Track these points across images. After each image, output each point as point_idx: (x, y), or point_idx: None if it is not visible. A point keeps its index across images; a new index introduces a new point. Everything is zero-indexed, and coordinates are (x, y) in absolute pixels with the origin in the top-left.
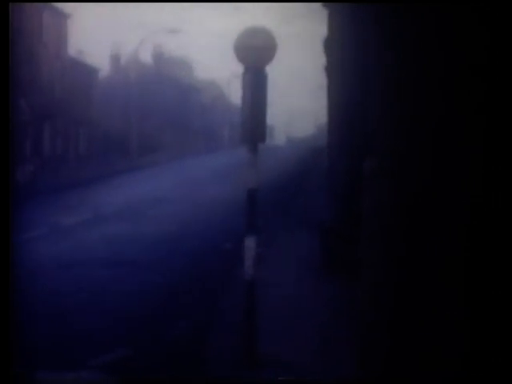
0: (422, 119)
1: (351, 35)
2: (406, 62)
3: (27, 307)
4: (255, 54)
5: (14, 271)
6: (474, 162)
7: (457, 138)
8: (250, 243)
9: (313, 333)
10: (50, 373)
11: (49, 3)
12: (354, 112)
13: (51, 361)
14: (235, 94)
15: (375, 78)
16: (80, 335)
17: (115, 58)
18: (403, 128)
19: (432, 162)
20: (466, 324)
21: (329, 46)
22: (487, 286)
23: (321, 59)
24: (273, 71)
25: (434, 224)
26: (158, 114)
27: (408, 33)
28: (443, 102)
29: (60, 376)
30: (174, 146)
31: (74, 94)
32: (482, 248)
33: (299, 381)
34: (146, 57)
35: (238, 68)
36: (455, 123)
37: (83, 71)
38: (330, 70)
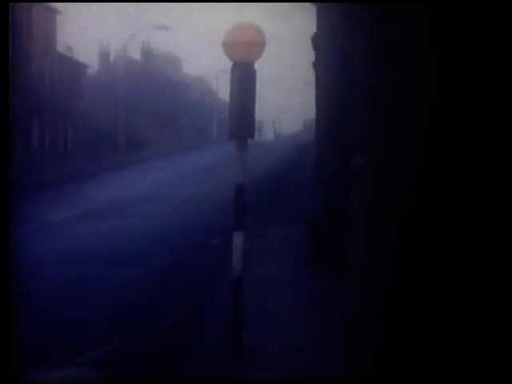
0: (412, 121)
1: (339, 31)
2: (396, 62)
3: (15, 304)
4: (244, 50)
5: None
6: (465, 164)
7: (448, 139)
8: (237, 239)
9: (299, 329)
10: (37, 370)
11: None
12: (342, 107)
13: (37, 358)
14: (224, 89)
15: (364, 80)
16: (67, 331)
17: (104, 54)
18: (392, 129)
19: (422, 164)
20: (456, 330)
21: (317, 42)
22: (477, 292)
23: (309, 56)
24: (261, 67)
25: (424, 230)
26: (146, 110)
27: (400, 32)
28: (435, 103)
29: (48, 373)
30: (162, 141)
31: (63, 89)
32: (471, 253)
33: (287, 379)
34: (135, 53)
35: (227, 64)
36: (447, 124)
37: (72, 67)
38: (318, 65)
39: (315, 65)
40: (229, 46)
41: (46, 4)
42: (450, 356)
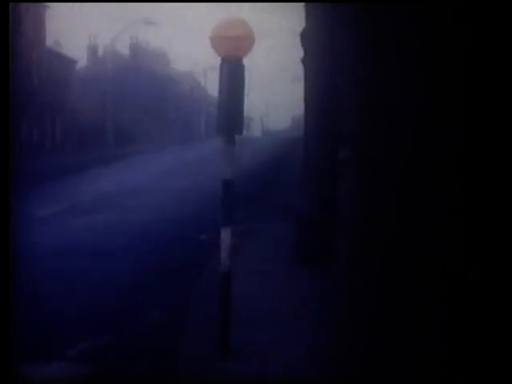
0: (398, 120)
1: (327, 27)
2: (382, 61)
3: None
4: (232, 45)
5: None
6: (452, 163)
7: (435, 139)
8: (225, 234)
9: (287, 326)
10: (25, 364)
11: None
12: (328, 104)
13: (28, 353)
14: (212, 85)
15: (349, 79)
16: (55, 325)
17: (92, 49)
18: (377, 128)
19: (409, 164)
20: (446, 328)
21: (305, 38)
22: (465, 290)
23: (298, 52)
24: (250, 63)
25: (411, 228)
26: (135, 105)
27: (386, 32)
28: (422, 102)
29: (36, 367)
30: (150, 136)
31: (51, 84)
32: (459, 252)
33: (280, 378)
34: (124, 48)
35: (216, 59)
36: (434, 123)
37: (60, 62)
38: (306, 61)
39: (303, 61)
40: (217, 41)
41: None
42: (439, 354)
